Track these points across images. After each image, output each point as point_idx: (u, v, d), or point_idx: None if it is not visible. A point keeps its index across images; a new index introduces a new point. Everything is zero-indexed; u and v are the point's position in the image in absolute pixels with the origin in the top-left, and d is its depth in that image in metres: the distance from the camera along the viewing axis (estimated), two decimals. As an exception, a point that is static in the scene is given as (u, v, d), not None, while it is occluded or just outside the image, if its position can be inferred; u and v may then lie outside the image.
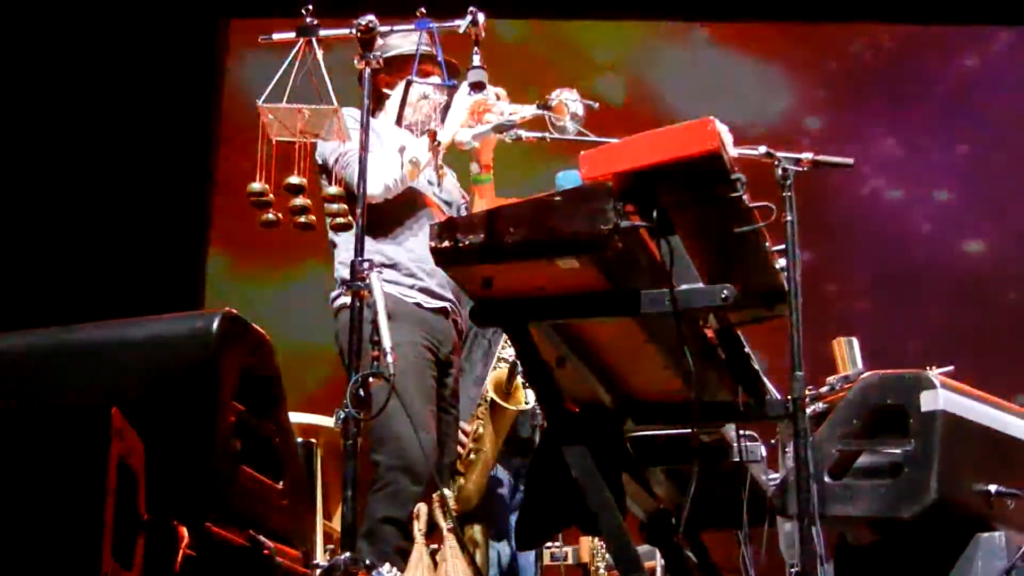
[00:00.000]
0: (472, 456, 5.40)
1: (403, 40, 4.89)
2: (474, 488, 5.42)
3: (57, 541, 2.62)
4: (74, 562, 2.61)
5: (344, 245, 4.82)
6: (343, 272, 4.80)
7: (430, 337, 4.88)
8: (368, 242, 4.47)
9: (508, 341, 5.42)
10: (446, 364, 4.99)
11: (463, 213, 5.08)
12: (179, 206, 8.79)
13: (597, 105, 4.32)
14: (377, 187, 4.76)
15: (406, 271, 4.89)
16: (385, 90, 5.07)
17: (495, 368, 5.50)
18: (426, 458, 4.55)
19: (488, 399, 5.42)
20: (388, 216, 4.89)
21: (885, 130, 9.15)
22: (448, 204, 5.14)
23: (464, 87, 4.48)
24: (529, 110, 4.37)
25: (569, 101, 4.30)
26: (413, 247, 4.91)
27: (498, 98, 4.65)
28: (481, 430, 5.38)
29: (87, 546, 2.62)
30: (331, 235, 4.87)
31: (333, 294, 4.99)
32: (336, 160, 4.77)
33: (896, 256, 8.91)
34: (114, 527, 2.69)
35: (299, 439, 5.25)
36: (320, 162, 4.93)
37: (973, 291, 8.84)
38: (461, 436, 5.49)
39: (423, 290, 4.91)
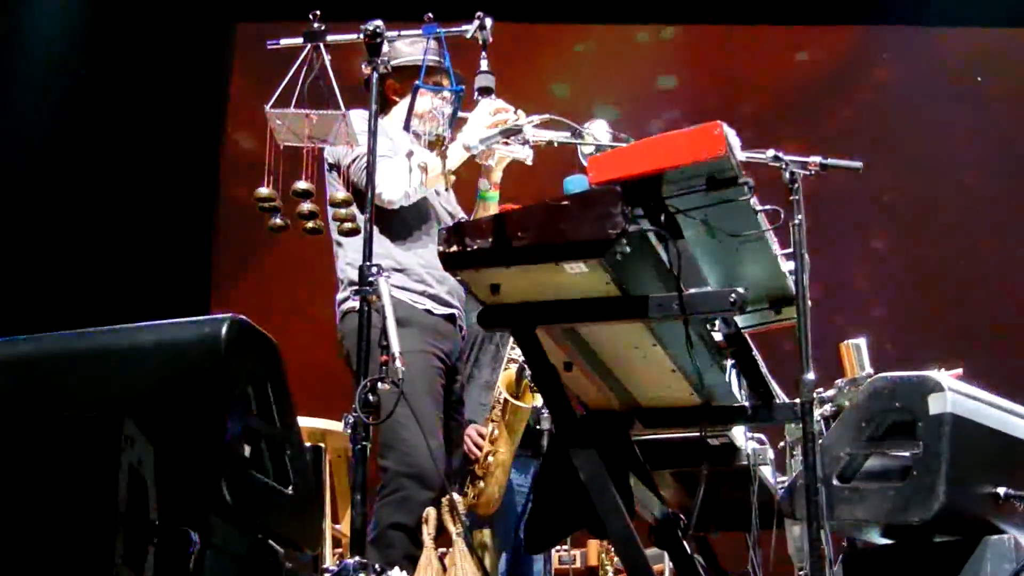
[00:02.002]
0: (490, 458, 5.41)
1: (412, 47, 4.90)
2: (496, 489, 5.43)
3: (69, 548, 2.63)
4: (85, 569, 2.62)
5: (351, 245, 4.79)
6: (350, 273, 4.80)
7: (439, 344, 4.87)
8: (379, 245, 4.47)
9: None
10: (453, 371, 4.99)
11: (466, 223, 5.06)
12: (187, 209, 8.81)
13: (632, 141, 4.29)
14: (397, 193, 4.76)
15: (416, 276, 4.88)
16: (393, 97, 5.07)
17: (505, 369, 5.51)
18: (435, 464, 4.55)
19: (501, 399, 5.43)
20: (398, 221, 4.88)
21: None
22: (451, 216, 5.13)
23: (486, 102, 4.48)
24: (557, 136, 4.36)
25: (597, 133, 4.29)
26: (423, 253, 4.90)
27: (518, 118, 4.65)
28: (497, 432, 5.39)
29: (98, 553, 2.62)
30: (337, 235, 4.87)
31: (339, 296, 4.98)
32: (353, 162, 4.76)
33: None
34: (125, 533, 2.70)
35: (308, 443, 5.26)
36: (331, 160, 4.92)
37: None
38: (477, 439, 5.50)
39: (432, 296, 4.90)
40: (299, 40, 4.04)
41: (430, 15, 4.11)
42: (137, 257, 8.51)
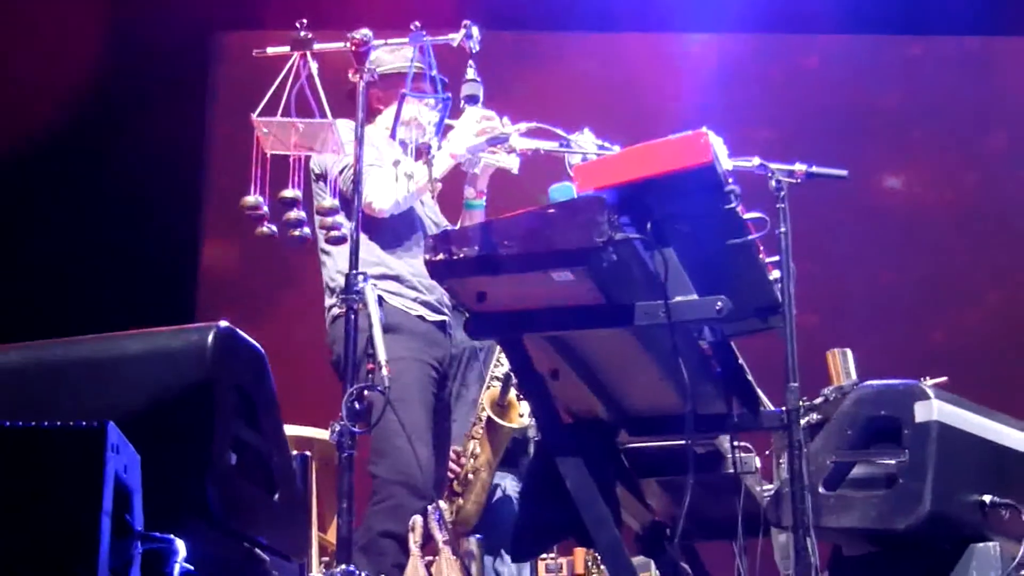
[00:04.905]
0: (470, 476, 5.39)
1: (393, 55, 4.85)
2: (473, 507, 5.41)
3: (53, 556, 2.62)
4: (70, 577, 2.61)
5: (340, 254, 4.76)
6: (340, 281, 4.77)
7: (432, 351, 4.85)
8: (369, 252, 4.49)
9: (500, 360, 5.43)
10: (444, 378, 4.97)
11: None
12: (173, 214, 8.79)
13: (616, 148, 4.27)
14: (387, 202, 4.73)
15: (408, 283, 4.85)
16: (377, 105, 5.04)
17: (488, 387, 5.49)
18: (423, 472, 4.55)
19: (484, 417, 5.41)
20: (386, 229, 4.86)
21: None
22: (436, 225, 5.11)
23: (472, 110, 4.48)
24: (543, 145, 4.37)
25: (584, 142, 4.29)
26: (412, 261, 4.88)
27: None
28: (478, 449, 5.38)
29: (83, 561, 2.62)
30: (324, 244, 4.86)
31: (328, 302, 4.97)
32: (341, 172, 4.73)
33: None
34: (110, 543, 2.69)
35: (294, 451, 5.26)
36: (318, 171, 4.89)
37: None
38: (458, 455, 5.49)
39: (424, 303, 4.87)
40: (286, 48, 4.03)
41: (417, 24, 4.10)
42: (122, 261, 8.47)
